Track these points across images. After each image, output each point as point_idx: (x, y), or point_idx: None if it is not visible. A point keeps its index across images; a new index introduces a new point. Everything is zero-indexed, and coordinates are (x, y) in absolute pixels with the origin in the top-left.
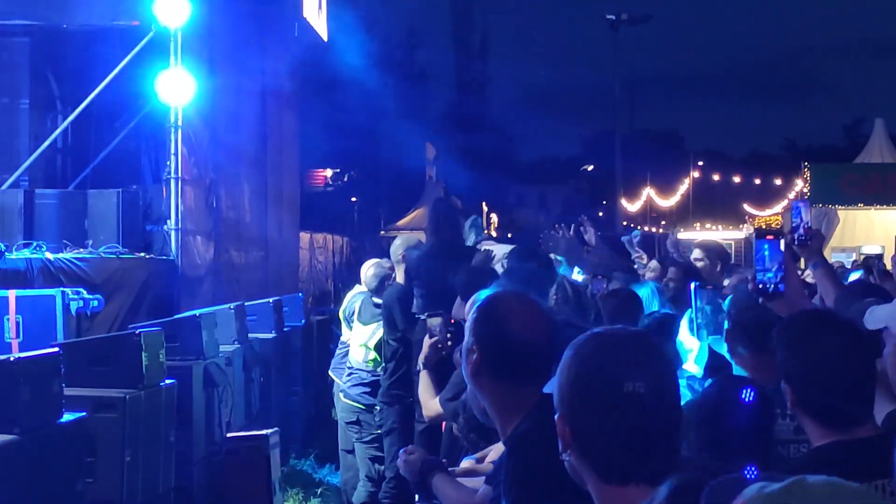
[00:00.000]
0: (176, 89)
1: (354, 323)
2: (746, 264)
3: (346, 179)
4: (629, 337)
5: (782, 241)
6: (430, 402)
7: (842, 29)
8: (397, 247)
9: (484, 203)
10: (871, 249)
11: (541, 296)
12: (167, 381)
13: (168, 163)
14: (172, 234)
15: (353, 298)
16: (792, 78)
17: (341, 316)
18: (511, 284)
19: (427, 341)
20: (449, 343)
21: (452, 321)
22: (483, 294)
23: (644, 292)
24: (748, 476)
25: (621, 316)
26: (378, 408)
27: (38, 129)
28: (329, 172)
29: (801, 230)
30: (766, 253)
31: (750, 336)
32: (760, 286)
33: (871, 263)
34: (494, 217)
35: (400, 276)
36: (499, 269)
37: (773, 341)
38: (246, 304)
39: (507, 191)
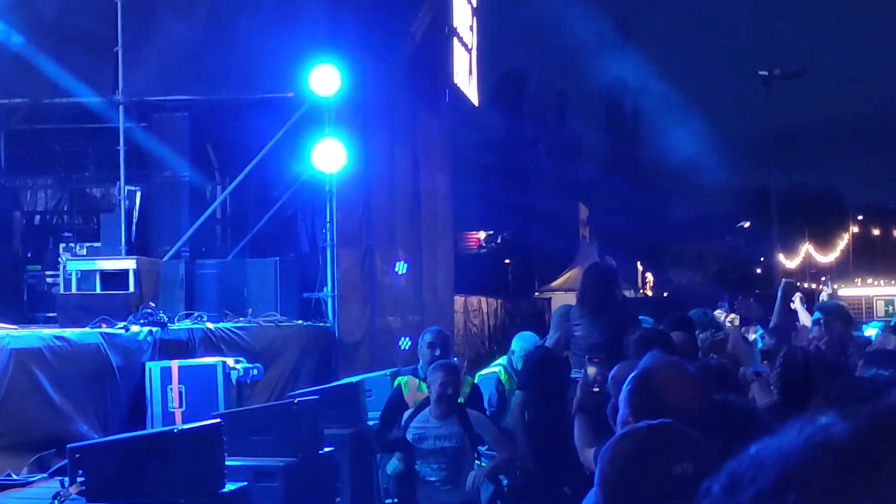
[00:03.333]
0: (330, 158)
1: None
2: None
3: (499, 241)
4: (667, 426)
5: None
6: (585, 451)
7: None
8: (554, 313)
9: (639, 262)
10: None
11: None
12: (326, 449)
13: (324, 230)
14: (329, 300)
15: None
16: None
17: None
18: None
19: (582, 384)
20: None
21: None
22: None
23: None
24: None
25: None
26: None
27: (198, 200)
28: (482, 235)
29: None
30: None
31: None
32: None
33: None
34: (650, 276)
35: (550, 342)
36: None
37: None
38: (402, 369)
39: (662, 249)
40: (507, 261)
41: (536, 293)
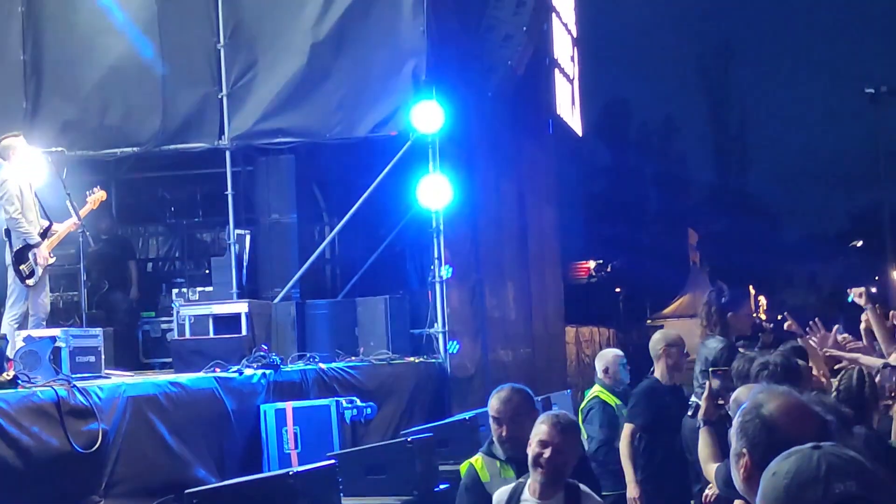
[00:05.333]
0: (436, 194)
1: None
2: None
3: (609, 270)
4: (832, 446)
5: None
6: (709, 465)
7: None
8: (656, 341)
9: (750, 285)
10: None
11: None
12: (441, 486)
13: (432, 267)
14: (440, 336)
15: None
16: None
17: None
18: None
19: (706, 396)
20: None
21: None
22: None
23: None
24: None
25: None
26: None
27: (307, 241)
28: (592, 264)
29: None
30: None
31: None
32: None
33: None
34: (763, 300)
35: (658, 371)
36: None
37: None
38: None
39: (774, 271)
40: (617, 289)
41: (649, 321)
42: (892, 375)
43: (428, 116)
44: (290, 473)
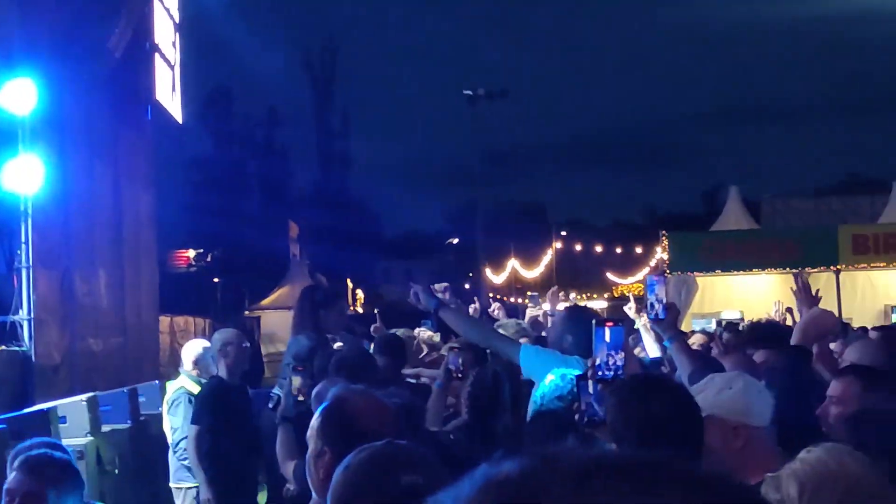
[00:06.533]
0: (25, 177)
1: None
2: None
3: (209, 259)
4: (402, 444)
5: (621, 328)
6: (287, 464)
7: (698, 99)
8: (214, 341)
9: (349, 279)
10: (731, 314)
11: None
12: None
13: (19, 251)
14: (25, 324)
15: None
16: (652, 148)
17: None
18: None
19: (286, 393)
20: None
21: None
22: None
23: None
24: None
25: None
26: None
27: None
28: (192, 253)
29: (657, 306)
30: (608, 340)
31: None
32: (600, 373)
33: (717, 333)
34: (360, 293)
35: (221, 370)
36: None
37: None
38: (100, 394)
39: (372, 266)
40: (216, 279)
41: (247, 311)
42: (457, 357)
43: (19, 95)
44: None
